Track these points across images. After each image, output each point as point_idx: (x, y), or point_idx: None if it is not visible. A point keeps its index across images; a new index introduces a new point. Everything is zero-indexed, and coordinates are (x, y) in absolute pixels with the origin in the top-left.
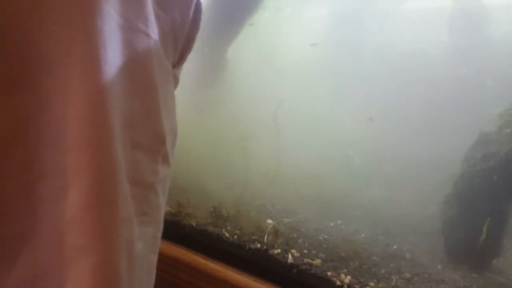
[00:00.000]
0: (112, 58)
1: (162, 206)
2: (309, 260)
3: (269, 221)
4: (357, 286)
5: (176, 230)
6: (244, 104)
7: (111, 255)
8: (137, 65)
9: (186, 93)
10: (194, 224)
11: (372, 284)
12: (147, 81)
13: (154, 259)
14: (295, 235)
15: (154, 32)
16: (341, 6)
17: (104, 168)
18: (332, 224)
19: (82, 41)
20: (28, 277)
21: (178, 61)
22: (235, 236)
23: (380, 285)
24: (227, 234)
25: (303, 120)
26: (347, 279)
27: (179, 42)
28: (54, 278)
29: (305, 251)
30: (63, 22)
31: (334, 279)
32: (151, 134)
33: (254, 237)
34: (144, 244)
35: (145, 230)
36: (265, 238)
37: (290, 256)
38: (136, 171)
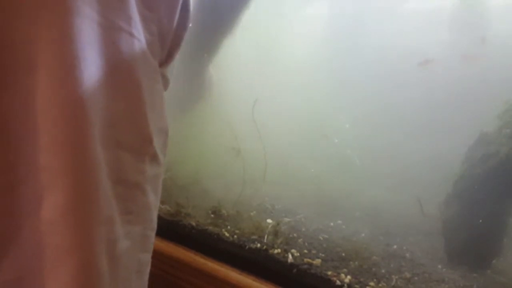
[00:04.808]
0: (92, 57)
1: (153, 205)
2: (309, 260)
3: (269, 221)
4: (357, 286)
5: (176, 230)
6: (239, 105)
7: (92, 256)
8: (119, 64)
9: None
10: (194, 224)
11: (372, 283)
12: (130, 80)
13: (146, 257)
14: (295, 234)
15: (138, 31)
16: (341, 6)
17: (83, 169)
18: (332, 224)
19: (58, 41)
20: (12, 278)
21: (166, 60)
22: (235, 236)
23: (380, 284)
24: (227, 234)
25: (302, 120)
26: (347, 279)
27: (167, 40)
28: (37, 280)
29: (305, 251)
30: (39, 22)
31: (334, 278)
32: (136, 133)
33: (254, 237)
34: (131, 243)
35: (131, 229)
36: (265, 238)
37: (290, 256)
38: (119, 170)
